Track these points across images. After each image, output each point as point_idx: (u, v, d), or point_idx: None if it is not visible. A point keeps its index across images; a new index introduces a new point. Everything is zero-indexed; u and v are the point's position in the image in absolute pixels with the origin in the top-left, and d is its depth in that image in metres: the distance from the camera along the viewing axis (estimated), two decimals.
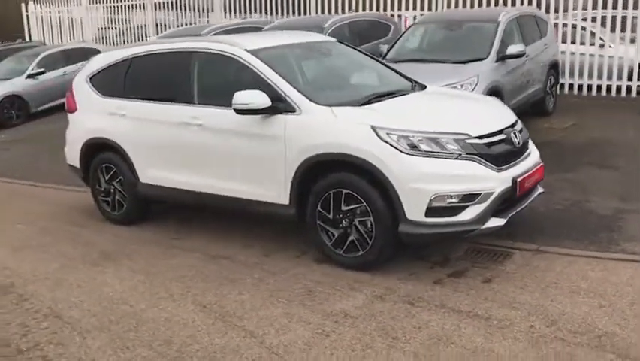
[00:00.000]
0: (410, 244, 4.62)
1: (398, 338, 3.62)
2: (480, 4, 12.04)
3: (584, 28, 11.50)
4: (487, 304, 3.98)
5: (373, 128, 4.40)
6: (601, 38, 11.49)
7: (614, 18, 11.13)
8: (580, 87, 11.25)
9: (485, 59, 7.97)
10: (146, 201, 6.05)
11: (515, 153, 4.69)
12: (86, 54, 14.63)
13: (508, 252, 4.84)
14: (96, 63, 6.37)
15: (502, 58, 8.08)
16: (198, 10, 15.32)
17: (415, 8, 12.77)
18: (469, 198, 4.29)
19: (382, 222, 4.41)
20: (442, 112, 4.95)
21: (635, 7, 11.38)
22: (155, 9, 16.19)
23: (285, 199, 4.88)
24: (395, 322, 3.81)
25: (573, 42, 11.33)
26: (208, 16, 15.16)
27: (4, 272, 5.09)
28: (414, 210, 4.28)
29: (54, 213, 6.81)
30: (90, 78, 6.31)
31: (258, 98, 4.74)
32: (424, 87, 5.56)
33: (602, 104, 10.64)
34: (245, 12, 14.82)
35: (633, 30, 11.13)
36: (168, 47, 5.82)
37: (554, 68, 10.04)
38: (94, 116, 6.18)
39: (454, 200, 4.27)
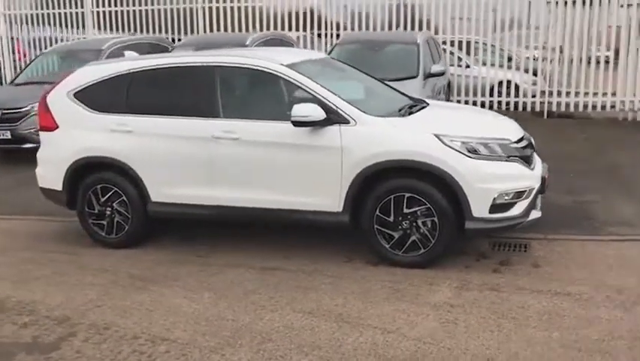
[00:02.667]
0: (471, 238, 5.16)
1: (516, 317, 4.10)
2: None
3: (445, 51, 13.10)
4: (555, 283, 4.63)
5: (437, 136, 4.85)
6: (460, 58, 13.18)
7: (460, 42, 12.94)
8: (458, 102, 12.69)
9: (416, 77, 8.80)
10: (155, 220, 5.81)
11: (533, 156, 5.44)
12: None
13: (524, 242, 5.55)
14: (79, 78, 5.96)
15: (427, 76, 8.97)
16: (66, 26, 14.38)
17: (303, 29, 13.41)
18: (520, 194, 4.92)
19: (447, 221, 4.86)
20: (474, 121, 5.56)
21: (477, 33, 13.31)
22: (9, 22, 14.87)
23: (337, 207, 5.10)
24: (499, 306, 4.29)
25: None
26: (78, 33, 14.31)
27: (40, 306, 4.62)
28: (480, 208, 4.80)
29: (20, 245, 6.16)
30: (74, 94, 5.89)
31: (316, 111, 4.94)
32: (425, 101, 6.11)
33: None
34: (118, 29, 14.29)
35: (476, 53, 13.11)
36: (182, 60, 5.70)
37: (449, 86, 11.30)
38: (86, 134, 5.79)
39: (508, 197, 4.87)
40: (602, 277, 4.74)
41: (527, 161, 5.12)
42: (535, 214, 5.12)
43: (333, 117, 5.03)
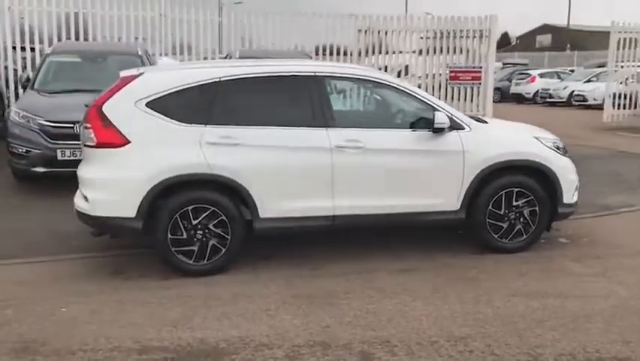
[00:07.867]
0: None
1: None
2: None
3: None
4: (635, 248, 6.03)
5: (537, 138, 5.80)
6: None
7: None
8: None
9: None
10: (259, 238, 5.41)
11: None
12: None
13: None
14: (150, 86, 5.18)
15: None
16: None
17: None
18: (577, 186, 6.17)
19: (546, 209, 5.81)
20: (533, 128, 6.55)
21: None
22: None
23: (456, 205, 5.63)
24: (630, 268, 5.46)
25: None
26: None
27: (261, 339, 4.08)
28: (568, 195, 5.88)
29: (82, 289, 5.04)
30: (147, 104, 5.12)
31: (447, 119, 5.43)
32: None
33: None
34: None
35: None
36: (288, 69, 5.45)
37: None
38: (174, 148, 5.10)
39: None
40: None
41: None
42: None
43: (452, 124, 5.54)
